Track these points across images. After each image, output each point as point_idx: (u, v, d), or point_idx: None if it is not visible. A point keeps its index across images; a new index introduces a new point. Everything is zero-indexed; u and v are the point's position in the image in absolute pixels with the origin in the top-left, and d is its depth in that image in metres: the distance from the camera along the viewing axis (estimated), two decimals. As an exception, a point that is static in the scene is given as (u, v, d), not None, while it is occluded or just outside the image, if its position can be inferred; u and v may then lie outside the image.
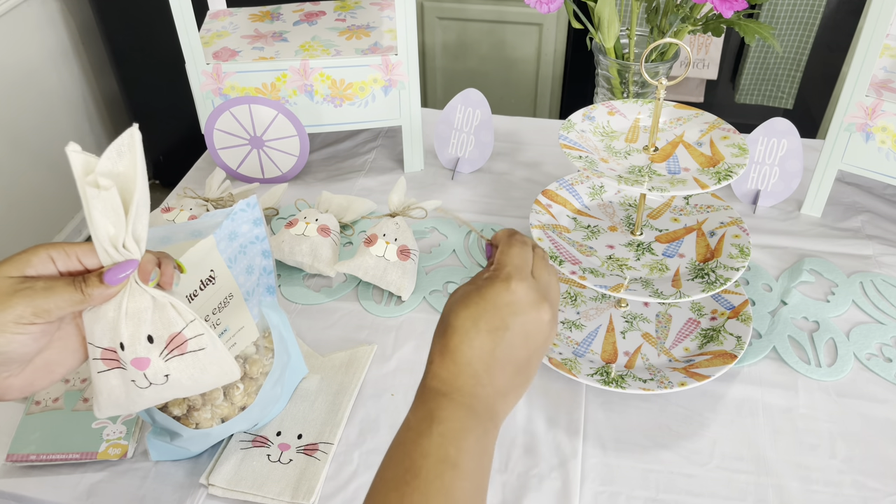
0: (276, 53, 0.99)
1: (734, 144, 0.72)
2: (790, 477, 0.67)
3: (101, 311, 0.46)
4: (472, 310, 0.47)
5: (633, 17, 0.91)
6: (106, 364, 0.48)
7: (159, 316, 0.47)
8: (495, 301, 0.47)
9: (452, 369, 0.46)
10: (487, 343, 0.46)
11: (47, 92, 2.01)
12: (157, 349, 0.47)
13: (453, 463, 0.43)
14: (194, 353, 0.49)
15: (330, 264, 0.88)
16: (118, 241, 0.45)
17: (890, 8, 0.81)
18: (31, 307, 0.43)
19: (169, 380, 0.49)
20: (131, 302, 0.46)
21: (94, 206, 0.43)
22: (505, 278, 0.48)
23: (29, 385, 0.46)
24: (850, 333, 0.81)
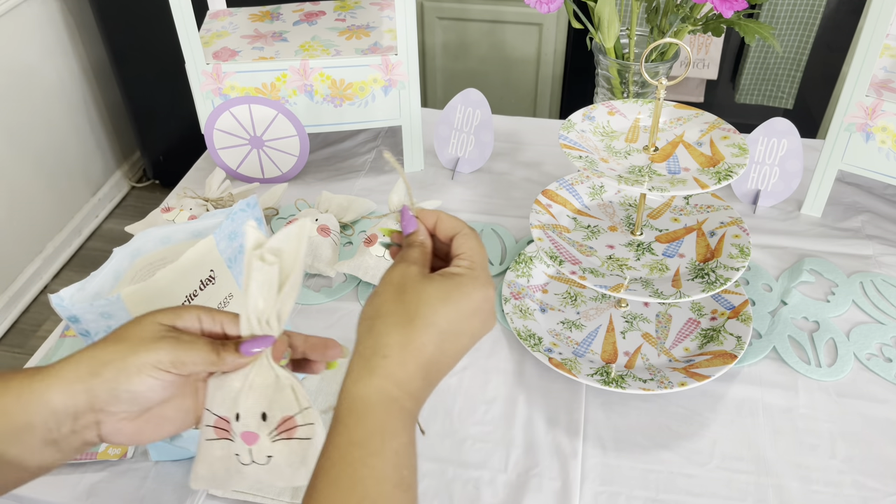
0: (276, 53, 0.99)
1: (734, 144, 0.72)
2: (790, 477, 0.67)
3: (227, 379, 0.47)
4: (453, 311, 0.43)
5: (633, 17, 0.91)
6: (217, 433, 0.48)
7: (278, 396, 0.47)
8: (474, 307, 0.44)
9: (412, 370, 0.42)
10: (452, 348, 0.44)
11: (47, 92, 2.01)
12: (267, 428, 0.47)
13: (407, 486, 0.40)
14: (300, 440, 0.48)
15: (330, 264, 0.88)
16: (263, 315, 0.45)
17: (890, 8, 0.81)
18: (171, 355, 0.44)
19: (270, 462, 0.48)
20: (258, 376, 0.47)
21: (253, 277, 0.44)
22: (485, 284, 0.45)
23: (137, 434, 0.46)
24: (851, 333, 0.81)
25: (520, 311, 0.82)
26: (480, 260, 0.47)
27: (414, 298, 0.43)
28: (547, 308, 0.83)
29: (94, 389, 0.43)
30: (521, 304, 0.83)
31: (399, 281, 0.45)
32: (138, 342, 0.44)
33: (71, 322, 0.56)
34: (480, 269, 0.46)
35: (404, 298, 0.43)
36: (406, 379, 0.42)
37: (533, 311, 0.82)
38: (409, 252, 0.48)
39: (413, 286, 0.44)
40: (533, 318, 0.81)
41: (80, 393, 0.43)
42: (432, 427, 0.72)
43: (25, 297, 1.98)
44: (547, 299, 0.84)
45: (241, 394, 0.46)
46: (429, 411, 0.73)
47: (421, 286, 0.44)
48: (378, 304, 0.44)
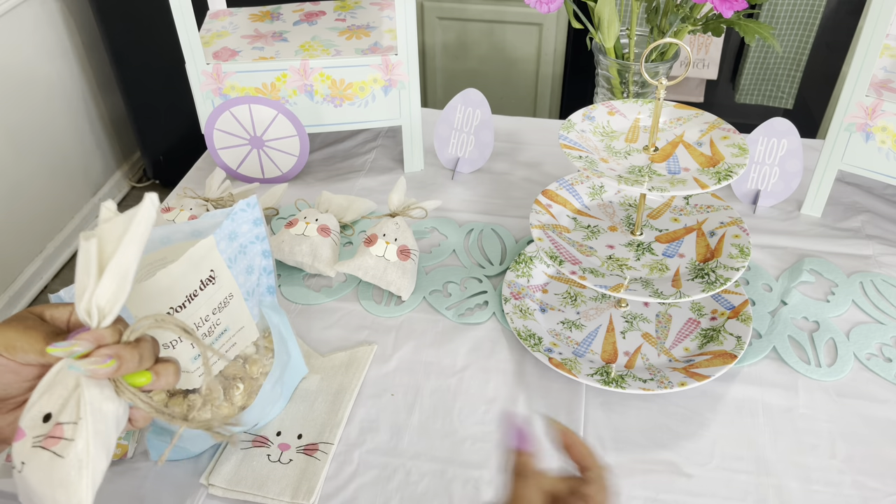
0: (276, 53, 0.99)
1: (734, 144, 0.72)
2: (790, 477, 0.67)
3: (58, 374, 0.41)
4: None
5: (633, 17, 0.91)
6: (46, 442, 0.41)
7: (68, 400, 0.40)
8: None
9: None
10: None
11: (47, 92, 2.01)
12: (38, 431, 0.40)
13: None
14: (53, 455, 0.39)
15: (330, 264, 0.88)
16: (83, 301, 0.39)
17: (890, 8, 0.81)
18: (4, 338, 0.41)
19: (24, 470, 0.40)
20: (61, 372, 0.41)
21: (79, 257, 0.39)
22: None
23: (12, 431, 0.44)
24: (850, 333, 0.81)
25: (520, 311, 0.82)
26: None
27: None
28: (547, 308, 0.83)
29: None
30: (521, 304, 0.83)
31: None
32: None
33: (71, 322, 0.56)
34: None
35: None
36: None
37: (533, 311, 0.82)
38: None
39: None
40: (533, 318, 0.81)
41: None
42: (432, 427, 0.72)
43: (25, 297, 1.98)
44: (547, 299, 0.84)
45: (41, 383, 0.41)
46: (429, 411, 0.73)
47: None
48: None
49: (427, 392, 0.75)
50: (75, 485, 0.39)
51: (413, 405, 0.74)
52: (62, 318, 0.44)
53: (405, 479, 0.67)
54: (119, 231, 0.38)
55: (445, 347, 0.80)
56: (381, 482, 0.67)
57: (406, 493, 0.66)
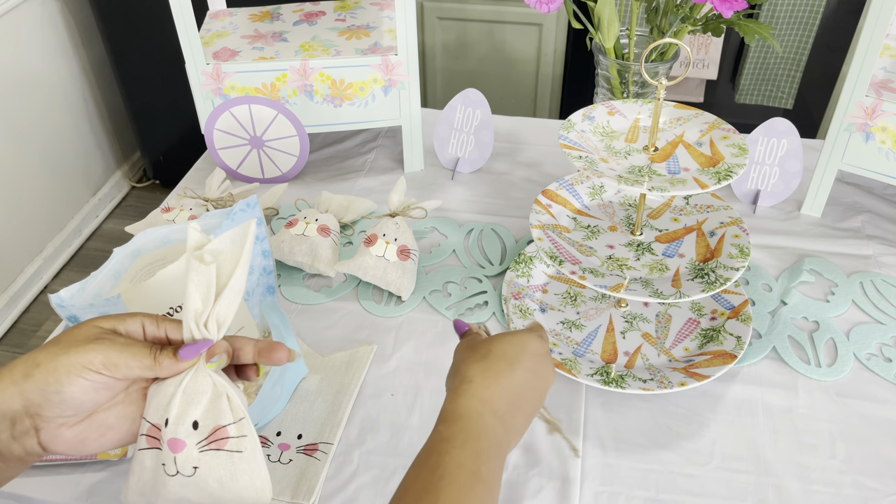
0: (276, 53, 0.99)
1: (734, 144, 0.72)
2: (790, 477, 0.67)
3: (163, 386, 0.46)
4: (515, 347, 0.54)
5: (632, 17, 0.91)
6: (148, 442, 0.46)
7: (213, 405, 0.46)
8: (538, 350, 0.55)
9: (493, 391, 0.51)
10: (525, 379, 0.53)
11: (47, 92, 2.01)
12: (196, 438, 0.45)
13: (484, 479, 0.46)
14: (230, 453, 0.45)
15: (330, 264, 0.88)
16: (201, 318, 0.45)
17: (890, 8, 0.81)
18: (103, 356, 0.43)
19: (196, 474, 0.45)
20: (192, 382, 0.45)
21: (192, 278, 0.44)
22: (540, 336, 0.57)
23: (79, 442, 0.45)
24: (850, 333, 0.81)
25: (520, 311, 0.82)
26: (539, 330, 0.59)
27: (485, 343, 0.55)
28: (547, 308, 0.83)
29: (26, 392, 0.43)
30: (521, 304, 0.83)
31: (467, 343, 0.57)
32: (71, 343, 0.43)
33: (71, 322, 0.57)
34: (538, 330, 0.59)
35: (476, 346, 0.54)
36: (489, 397, 0.50)
37: (533, 311, 0.82)
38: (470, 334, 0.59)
39: (481, 341, 0.55)
40: (533, 318, 0.81)
41: (15, 396, 0.42)
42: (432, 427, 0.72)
43: (25, 297, 1.98)
44: (547, 299, 0.84)
45: (173, 399, 0.45)
46: (429, 411, 0.73)
47: (487, 340, 0.55)
48: (457, 359, 0.55)
49: (427, 392, 0.75)
50: (258, 470, 0.46)
51: (413, 405, 0.74)
52: (137, 332, 0.46)
53: (405, 479, 0.67)
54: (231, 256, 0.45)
55: (445, 347, 0.80)
56: (381, 482, 0.67)
57: (406, 493, 0.66)
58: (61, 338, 0.44)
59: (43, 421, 0.44)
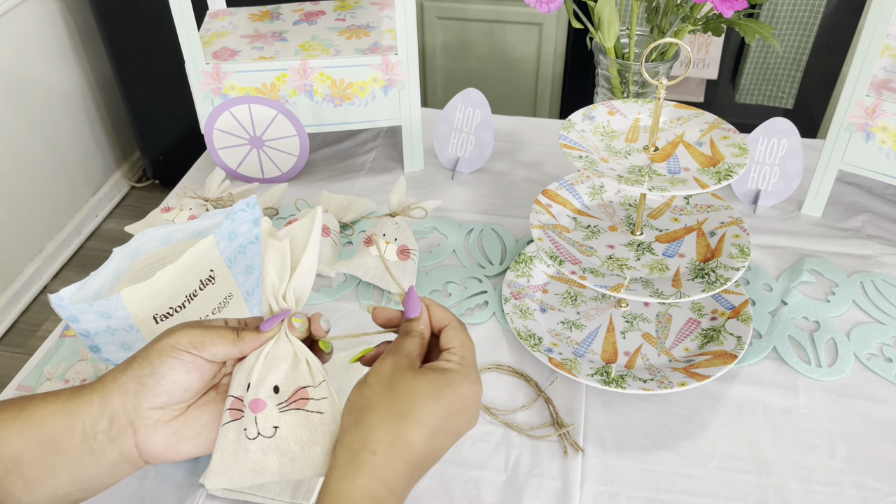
0: (276, 53, 0.99)
1: (734, 144, 0.72)
2: (790, 477, 0.67)
3: (245, 360, 0.48)
4: (444, 408, 0.43)
5: (633, 17, 0.91)
6: (231, 414, 0.47)
7: (293, 370, 0.47)
8: (464, 404, 0.44)
9: (399, 468, 0.41)
10: (439, 446, 0.44)
11: (47, 92, 2.01)
12: (277, 400, 0.46)
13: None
14: (310, 413, 0.46)
15: (330, 264, 0.88)
16: (279, 291, 0.47)
17: (890, 7, 0.81)
18: (189, 336, 0.45)
19: (276, 434, 0.46)
20: (273, 350, 0.47)
21: (268, 257, 0.47)
22: (475, 381, 0.45)
23: (175, 442, 0.46)
24: (851, 333, 0.81)
25: (520, 311, 0.81)
26: (471, 356, 0.47)
27: (405, 394, 0.42)
28: (547, 308, 0.83)
29: (123, 384, 0.44)
30: (521, 304, 0.83)
31: (390, 373, 0.44)
32: (161, 335, 0.46)
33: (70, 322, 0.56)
34: (471, 366, 0.46)
35: (395, 392, 0.42)
36: (392, 476, 0.41)
37: (533, 311, 0.82)
38: (404, 342, 0.47)
39: (406, 380, 0.43)
40: (533, 318, 0.81)
41: (114, 391, 0.44)
42: (432, 427, 0.72)
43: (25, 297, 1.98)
44: (547, 299, 0.84)
45: (254, 366, 0.47)
46: (429, 411, 0.73)
47: (413, 380, 0.43)
48: (368, 395, 0.43)
49: (427, 392, 0.75)
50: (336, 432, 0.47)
51: (413, 405, 0.74)
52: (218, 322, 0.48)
53: (405, 480, 0.67)
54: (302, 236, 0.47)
55: (445, 347, 0.80)
56: (381, 482, 0.67)
57: (406, 494, 0.66)
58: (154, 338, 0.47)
59: (139, 417, 0.45)
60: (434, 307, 0.49)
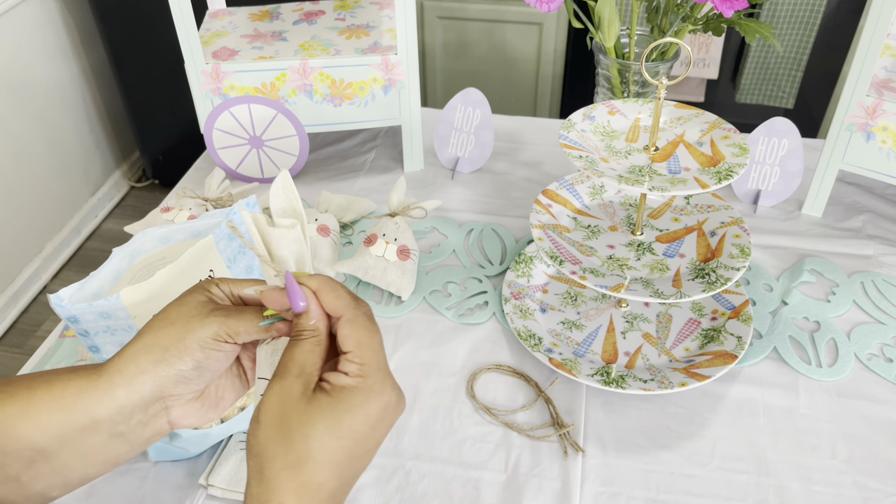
0: (276, 53, 0.99)
1: (735, 144, 0.72)
2: (791, 477, 0.67)
3: (277, 344, 0.47)
4: (348, 440, 0.39)
5: (633, 17, 0.91)
6: None
7: None
8: (373, 422, 0.40)
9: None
10: (356, 469, 0.40)
11: (47, 92, 2.01)
12: None
13: None
14: None
15: (330, 264, 0.88)
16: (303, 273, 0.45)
17: (891, 7, 0.81)
18: (226, 326, 0.44)
19: None
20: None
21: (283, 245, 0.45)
22: (381, 391, 0.40)
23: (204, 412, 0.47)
24: (851, 333, 0.81)
25: (520, 311, 0.81)
26: (373, 358, 0.41)
27: (300, 436, 0.38)
28: (547, 308, 0.83)
29: (160, 376, 0.44)
30: (521, 304, 0.83)
31: (280, 410, 0.39)
32: (190, 320, 0.44)
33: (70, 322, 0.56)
34: (374, 374, 0.40)
35: (290, 436, 0.38)
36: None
37: (533, 311, 0.82)
38: (294, 354, 0.41)
39: (297, 418, 0.38)
40: (533, 318, 0.81)
41: (146, 383, 0.43)
42: (432, 427, 0.72)
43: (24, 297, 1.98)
44: (547, 299, 0.84)
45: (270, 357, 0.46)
46: (429, 411, 0.73)
47: (306, 417, 0.38)
48: (262, 440, 0.39)
49: (427, 392, 0.75)
50: None
51: (413, 405, 0.74)
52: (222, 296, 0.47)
53: (405, 480, 0.67)
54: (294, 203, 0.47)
55: (445, 347, 0.80)
56: (381, 482, 0.67)
57: (406, 494, 0.66)
58: (172, 317, 0.44)
59: (174, 399, 0.45)
60: (324, 292, 0.42)
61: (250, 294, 0.47)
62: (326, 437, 0.38)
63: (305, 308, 0.42)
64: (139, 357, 0.44)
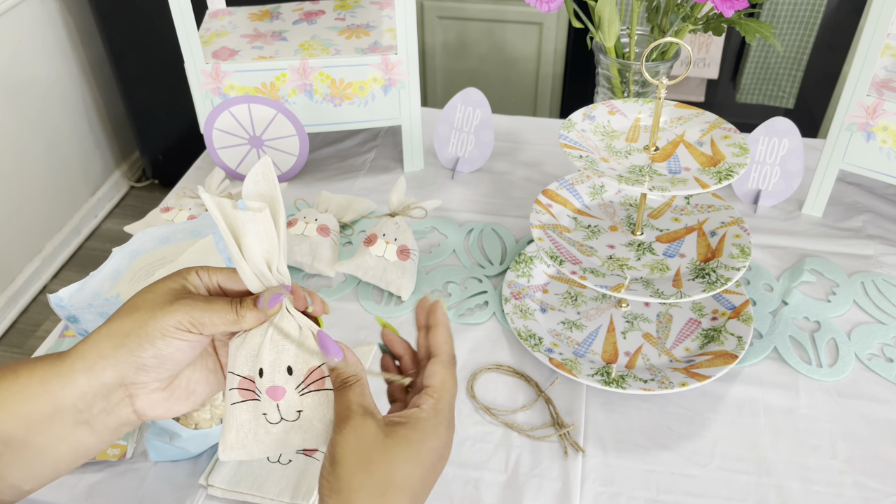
0: (276, 53, 0.99)
1: (735, 144, 0.72)
2: (791, 477, 0.67)
3: (247, 337, 0.46)
4: (422, 467, 0.42)
5: (633, 17, 0.91)
6: (241, 395, 0.46)
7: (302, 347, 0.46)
8: (440, 453, 0.43)
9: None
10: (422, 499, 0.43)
11: (46, 92, 2.01)
12: (294, 382, 0.45)
13: None
14: (329, 392, 0.46)
15: (330, 264, 0.88)
16: (273, 264, 0.45)
17: (891, 7, 0.80)
18: (190, 316, 0.44)
19: (301, 417, 0.46)
20: (278, 329, 0.45)
21: (249, 230, 0.43)
22: (448, 427, 0.44)
23: (173, 402, 0.46)
24: (851, 333, 0.81)
25: (520, 311, 0.81)
26: (448, 398, 0.45)
27: (383, 466, 0.41)
28: (547, 308, 0.83)
29: (120, 362, 0.43)
30: (522, 304, 0.83)
31: (358, 446, 0.42)
32: (154, 307, 0.44)
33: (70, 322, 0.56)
34: (445, 412, 0.44)
35: (372, 468, 0.41)
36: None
37: (533, 311, 0.82)
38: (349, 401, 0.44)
39: (378, 451, 0.41)
40: (533, 318, 0.81)
41: (107, 369, 0.43)
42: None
43: (24, 297, 1.98)
44: (547, 299, 0.84)
45: (262, 348, 0.45)
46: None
47: (386, 449, 0.42)
48: (344, 475, 0.41)
49: (427, 392, 0.75)
50: None
51: (413, 405, 0.74)
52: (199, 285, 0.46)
53: (405, 480, 0.67)
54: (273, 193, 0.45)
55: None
56: (381, 483, 0.67)
57: (406, 494, 0.66)
58: (137, 303, 0.44)
59: (137, 388, 0.44)
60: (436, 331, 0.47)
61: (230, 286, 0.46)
62: (406, 464, 0.41)
63: (342, 359, 0.45)
64: (101, 342, 0.43)
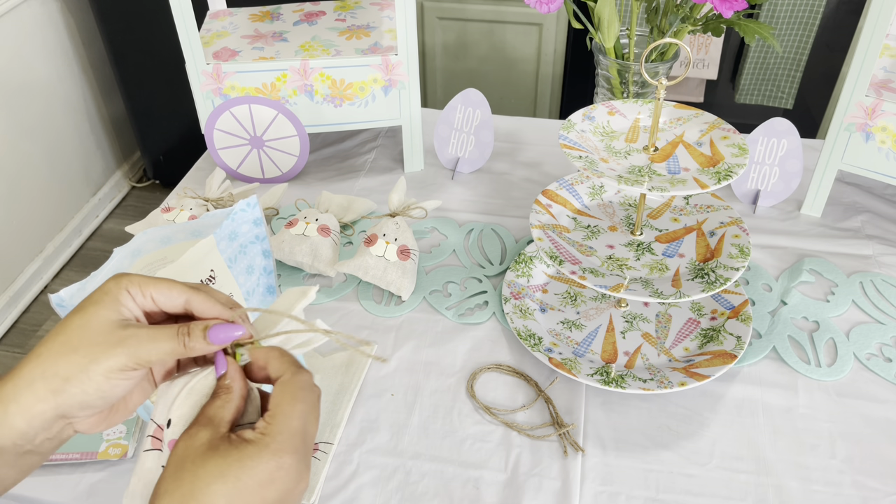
0: (276, 53, 0.99)
1: (734, 144, 0.72)
2: (790, 477, 0.67)
3: (171, 386, 0.44)
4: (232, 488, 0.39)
5: (632, 17, 0.91)
6: (152, 443, 0.44)
7: None
8: (261, 479, 0.40)
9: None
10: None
11: (47, 92, 2.01)
12: None
13: None
14: None
15: (330, 264, 0.88)
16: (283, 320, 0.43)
17: (890, 8, 0.81)
18: (133, 357, 0.42)
19: None
20: (201, 382, 0.43)
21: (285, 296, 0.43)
22: (278, 451, 0.41)
23: (110, 421, 0.46)
24: (850, 333, 0.81)
25: (520, 311, 0.82)
26: (283, 421, 0.42)
27: (190, 476, 0.40)
28: (547, 308, 0.83)
29: (61, 405, 0.42)
30: (521, 304, 0.83)
31: (182, 453, 0.41)
32: (93, 349, 0.42)
33: (71, 322, 0.56)
34: (278, 434, 0.41)
35: (181, 476, 0.40)
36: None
37: (533, 311, 0.82)
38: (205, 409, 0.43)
39: (192, 460, 0.41)
40: (533, 318, 0.81)
41: (47, 412, 0.42)
42: (432, 427, 0.72)
43: (25, 297, 1.98)
44: (547, 299, 0.84)
45: (177, 399, 0.43)
46: (429, 411, 0.73)
47: (201, 461, 0.40)
48: (160, 481, 0.41)
49: (427, 392, 0.75)
50: None
51: (413, 405, 0.74)
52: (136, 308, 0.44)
53: (405, 479, 0.67)
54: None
55: (445, 347, 0.80)
56: (381, 482, 0.67)
57: (406, 493, 0.66)
58: (73, 341, 0.42)
59: (78, 418, 0.44)
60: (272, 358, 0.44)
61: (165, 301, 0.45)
62: (215, 480, 0.40)
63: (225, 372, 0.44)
64: (37, 386, 0.41)
